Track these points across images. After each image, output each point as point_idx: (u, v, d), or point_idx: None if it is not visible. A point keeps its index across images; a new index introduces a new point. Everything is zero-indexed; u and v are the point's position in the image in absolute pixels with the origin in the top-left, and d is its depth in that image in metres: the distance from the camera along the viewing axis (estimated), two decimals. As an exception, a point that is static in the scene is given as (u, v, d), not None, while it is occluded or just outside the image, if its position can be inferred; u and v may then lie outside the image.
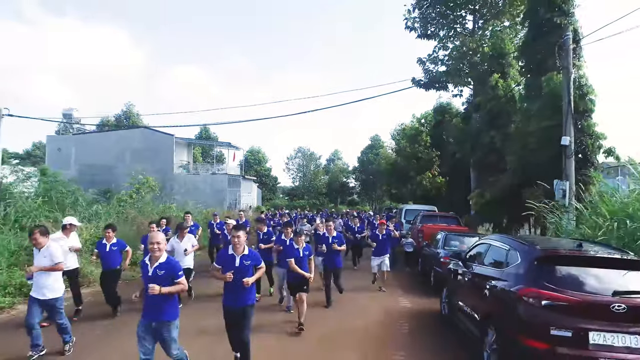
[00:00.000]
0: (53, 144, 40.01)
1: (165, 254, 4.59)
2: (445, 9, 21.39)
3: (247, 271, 5.04)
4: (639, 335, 4.14)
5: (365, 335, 6.75)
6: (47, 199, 14.68)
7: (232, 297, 5.05)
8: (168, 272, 4.45)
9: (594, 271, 4.63)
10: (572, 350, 4.19)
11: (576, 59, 12.98)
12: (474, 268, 6.33)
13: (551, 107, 12.05)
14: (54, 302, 5.65)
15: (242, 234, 5.10)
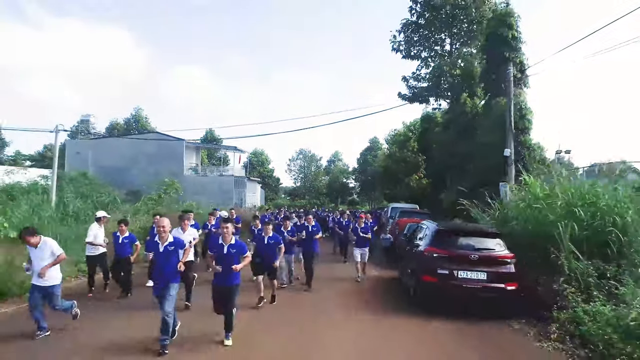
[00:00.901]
0: (72, 147, 42.56)
1: (170, 235, 5.97)
2: (427, 33, 24.65)
3: (233, 258, 6.03)
4: (481, 272, 7.43)
5: (343, 289, 10.00)
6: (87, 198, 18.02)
7: (221, 278, 6.07)
8: (176, 246, 5.89)
9: (464, 238, 7.97)
10: (447, 281, 7.49)
11: (521, 86, 16.27)
12: (412, 242, 9.61)
13: (499, 125, 15.24)
14: (51, 289, 6.16)
15: (230, 225, 6.19)
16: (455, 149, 20.14)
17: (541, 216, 8.47)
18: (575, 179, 10.53)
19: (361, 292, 9.81)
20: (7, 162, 53.67)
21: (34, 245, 6.03)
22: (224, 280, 6.02)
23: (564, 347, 6.04)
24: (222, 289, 6.04)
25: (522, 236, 8.69)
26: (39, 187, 18.25)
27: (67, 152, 42.73)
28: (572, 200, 8.24)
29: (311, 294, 9.55)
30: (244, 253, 6.14)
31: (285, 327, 6.96)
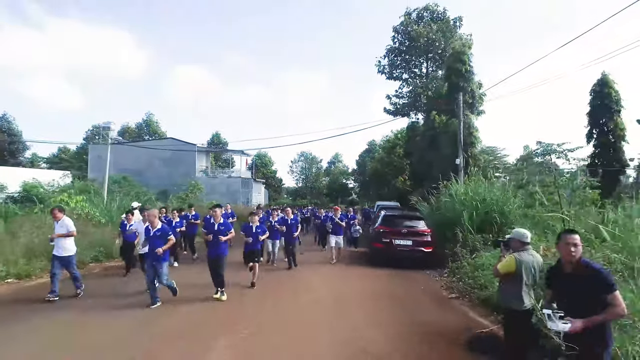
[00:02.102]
0: (94, 152, 46.74)
1: (160, 223, 7.71)
2: (408, 57, 29.33)
3: (221, 233, 7.94)
4: (409, 240, 12.10)
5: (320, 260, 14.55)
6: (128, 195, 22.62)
7: (212, 250, 8.02)
8: (163, 233, 7.49)
9: (400, 220, 12.70)
10: (389, 246, 12.14)
11: (472, 109, 20.91)
12: (372, 224, 14.26)
13: (453, 140, 19.85)
14: (68, 258, 7.87)
15: (219, 210, 8.29)
16: (425, 156, 24.74)
17: (453, 207, 13.10)
18: (493, 179, 15.15)
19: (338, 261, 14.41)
20: (27, 164, 58.40)
21: (58, 220, 7.92)
22: (214, 252, 7.97)
23: (447, 279, 10.63)
24: (213, 259, 7.96)
25: (442, 220, 13.34)
26: (90, 187, 22.83)
27: (89, 156, 47.13)
28: (471, 196, 12.82)
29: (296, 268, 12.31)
30: (229, 229, 8.18)
31: (278, 281, 11.56)
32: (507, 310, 4.57)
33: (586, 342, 3.37)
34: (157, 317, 6.85)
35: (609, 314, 3.29)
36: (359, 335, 6.13)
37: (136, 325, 6.36)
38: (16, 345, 5.40)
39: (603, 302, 3.31)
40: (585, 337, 3.35)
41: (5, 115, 57.28)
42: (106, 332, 6.01)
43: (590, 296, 3.36)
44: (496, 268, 4.59)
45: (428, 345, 5.76)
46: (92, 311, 7.08)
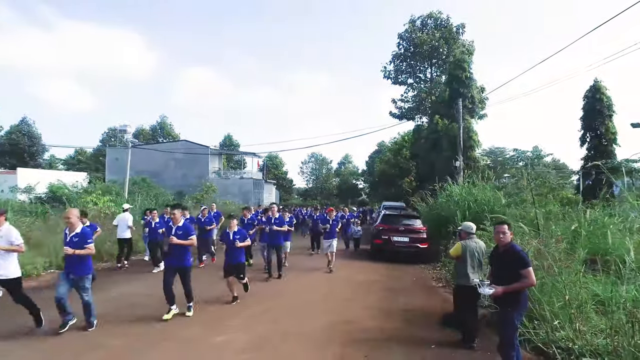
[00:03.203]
0: (111, 154, 48.45)
1: (80, 225, 6.05)
2: (413, 62, 30.44)
3: (179, 238, 6.67)
4: (406, 237, 13.27)
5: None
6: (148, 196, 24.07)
7: (172, 259, 6.84)
8: (81, 239, 5.84)
9: (398, 218, 13.91)
10: (387, 242, 13.32)
11: (472, 114, 21.96)
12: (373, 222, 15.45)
13: (454, 143, 20.95)
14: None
15: (178, 211, 6.94)
16: (429, 158, 25.84)
17: (448, 206, 14.23)
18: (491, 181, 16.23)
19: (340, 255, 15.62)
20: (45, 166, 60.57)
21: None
22: (177, 261, 6.79)
23: (438, 272, 11.78)
24: (174, 269, 6.78)
25: (437, 218, 14.46)
26: (112, 188, 24.35)
27: (107, 158, 48.86)
28: (464, 196, 13.93)
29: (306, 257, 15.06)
30: (190, 234, 6.78)
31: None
32: (456, 285, 5.89)
33: (504, 304, 4.61)
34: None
35: (522, 283, 4.51)
36: (346, 313, 7.36)
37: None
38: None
39: (519, 275, 4.51)
40: (505, 300, 4.61)
41: (25, 118, 59.49)
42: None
43: (510, 269, 4.59)
44: (449, 253, 5.93)
45: (406, 321, 6.97)
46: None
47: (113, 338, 5.73)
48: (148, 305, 7.31)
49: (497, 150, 54.69)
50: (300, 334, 6.17)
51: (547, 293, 5.93)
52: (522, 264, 4.52)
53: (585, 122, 22.22)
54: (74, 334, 5.81)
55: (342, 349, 5.60)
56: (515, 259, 4.57)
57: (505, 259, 4.71)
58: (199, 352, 5.37)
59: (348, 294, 9.04)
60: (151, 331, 6.08)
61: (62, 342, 5.54)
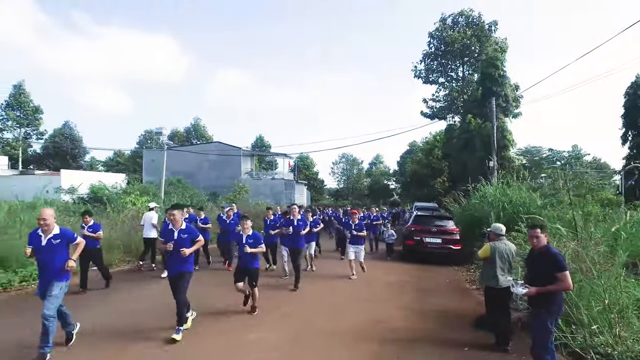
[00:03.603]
0: (148, 156, 49.80)
1: (57, 227, 5.21)
2: (445, 61, 30.05)
3: (184, 243, 5.82)
4: (438, 238, 13.14)
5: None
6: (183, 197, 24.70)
7: (173, 265, 5.97)
8: (63, 240, 5.18)
9: (430, 219, 13.79)
10: (419, 243, 13.24)
11: (506, 112, 21.48)
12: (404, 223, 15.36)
13: (487, 143, 20.58)
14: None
15: (178, 212, 5.95)
16: (461, 158, 25.45)
17: (482, 207, 14.01)
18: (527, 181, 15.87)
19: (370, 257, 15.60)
20: (86, 167, 63.02)
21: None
22: (177, 267, 5.94)
23: (472, 274, 11.63)
24: (173, 278, 5.96)
25: (471, 219, 14.26)
26: (149, 189, 25.13)
27: (144, 159, 50.32)
28: (499, 197, 13.68)
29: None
30: (195, 237, 6.00)
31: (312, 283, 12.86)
32: (486, 287, 5.85)
33: (538, 306, 4.58)
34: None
35: (557, 286, 4.44)
36: (379, 313, 7.40)
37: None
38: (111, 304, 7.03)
39: (555, 278, 4.45)
40: (539, 302, 4.58)
41: (67, 122, 62.19)
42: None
43: (546, 272, 4.53)
44: (477, 254, 5.89)
45: (438, 322, 6.96)
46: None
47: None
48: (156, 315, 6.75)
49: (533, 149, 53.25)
50: (333, 332, 6.26)
51: (585, 297, 5.79)
52: (559, 267, 4.45)
53: (626, 120, 21.42)
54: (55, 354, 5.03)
55: (375, 348, 5.66)
56: (552, 262, 4.50)
57: (541, 261, 4.65)
58: (234, 347, 5.53)
59: (380, 294, 9.07)
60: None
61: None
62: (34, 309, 7.16)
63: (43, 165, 55.92)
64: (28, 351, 4.99)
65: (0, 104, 52.28)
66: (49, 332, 4.82)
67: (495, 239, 5.95)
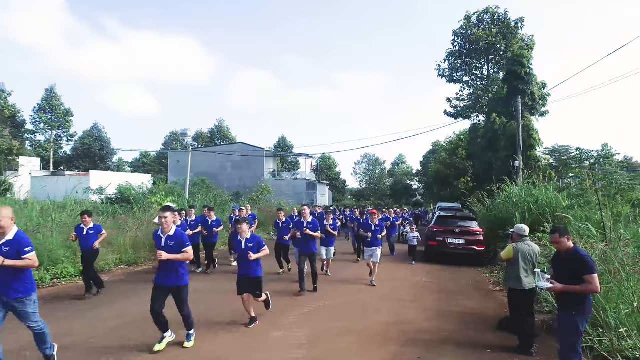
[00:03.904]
0: (173, 157, 50.78)
1: (12, 233, 4.39)
2: (470, 59, 29.64)
3: (170, 249, 5.27)
4: (461, 239, 12.99)
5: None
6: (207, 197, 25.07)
7: (162, 276, 5.38)
8: (18, 246, 4.33)
9: (453, 220, 13.63)
10: (442, 244, 13.12)
11: (532, 111, 21.06)
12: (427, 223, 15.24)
13: (512, 142, 20.23)
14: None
15: (169, 215, 5.35)
16: (485, 158, 25.07)
17: (506, 208, 13.79)
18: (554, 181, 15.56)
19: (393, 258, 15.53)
20: (114, 168, 64.64)
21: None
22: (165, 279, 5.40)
23: (496, 275, 11.45)
24: (167, 288, 5.41)
25: (495, 220, 14.04)
26: (174, 189, 25.61)
27: (169, 160, 51.34)
28: (524, 197, 13.43)
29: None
30: (185, 246, 5.34)
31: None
32: (509, 289, 5.78)
33: (567, 307, 4.50)
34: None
35: (585, 288, 4.34)
36: (401, 314, 7.39)
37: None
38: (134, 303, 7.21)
39: (583, 281, 4.36)
40: (568, 304, 4.51)
41: (96, 124, 63.92)
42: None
43: (574, 274, 4.43)
44: (500, 255, 5.82)
45: (462, 324, 6.90)
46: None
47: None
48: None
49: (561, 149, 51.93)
50: (356, 332, 6.29)
51: (614, 300, 5.67)
52: (587, 269, 4.34)
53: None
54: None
55: (397, 348, 5.66)
56: (580, 264, 4.39)
57: (568, 263, 4.53)
58: (257, 346, 5.62)
59: (402, 295, 9.05)
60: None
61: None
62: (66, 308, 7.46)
63: (73, 167, 57.67)
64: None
65: (33, 107, 54.20)
66: (43, 338, 4.59)
67: (519, 239, 5.87)
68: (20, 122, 49.84)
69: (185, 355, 5.25)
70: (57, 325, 5.84)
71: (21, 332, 4.99)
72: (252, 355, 5.31)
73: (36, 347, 4.66)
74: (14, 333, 5.30)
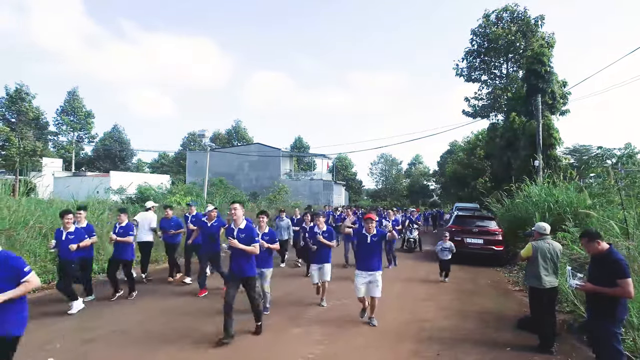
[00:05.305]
0: (191, 157, 51.40)
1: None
2: (488, 58, 29.32)
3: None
4: (479, 238, 12.87)
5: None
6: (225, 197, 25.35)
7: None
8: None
9: (471, 219, 13.53)
10: (460, 244, 12.99)
11: (552, 110, 20.72)
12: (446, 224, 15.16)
13: (532, 142, 19.94)
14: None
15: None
16: (504, 158, 24.76)
17: (525, 207, 13.62)
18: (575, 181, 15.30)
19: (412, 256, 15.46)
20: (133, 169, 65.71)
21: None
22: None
23: (515, 275, 11.32)
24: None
25: (514, 220, 13.90)
26: (193, 189, 25.99)
27: (187, 161, 52.01)
28: (544, 197, 13.25)
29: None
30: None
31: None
32: (530, 288, 5.74)
33: (599, 315, 4.40)
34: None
35: (616, 291, 4.23)
36: (420, 312, 7.40)
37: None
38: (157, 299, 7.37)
39: (616, 285, 4.24)
40: (599, 311, 4.41)
41: (116, 126, 65.10)
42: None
43: (608, 277, 4.32)
44: (519, 254, 5.79)
45: (480, 322, 6.87)
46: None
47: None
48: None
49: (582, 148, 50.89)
50: (374, 330, 6.32)
51: (637, 299, 5.57)
52: (621, 273, 4.22)
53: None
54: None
55: (415, 345, 5.68)
56: (615, 268, 4.28)
57: (602, 264, 4.44)
58: (280, 341, 5.71)
59: (421, 294, 9.05)
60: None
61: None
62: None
63: (94, 167, 58.84)
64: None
65: (56, 110, 55.45)
66: None
67: (539, 238, 5.82)
68: (44, 124, 50.97)
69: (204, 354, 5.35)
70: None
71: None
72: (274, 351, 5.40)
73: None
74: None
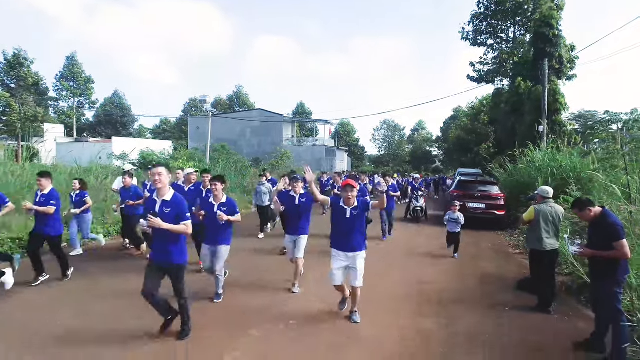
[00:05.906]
0: (193, 123, 51.09)
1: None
2: (495, 22, 28.58)
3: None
4: (482, 203, 12.94)
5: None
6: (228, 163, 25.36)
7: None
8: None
9: (474, 184, 13.57)
10: (462, 208, 12.95)
11: (559, 75, 20.35)
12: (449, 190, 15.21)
13: (537, 107, 19.70)
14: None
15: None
16: (509, 123, 24.56)
17: (528, 173, 13.62)
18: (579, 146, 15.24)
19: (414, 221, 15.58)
20: (135, 135, 65.54)
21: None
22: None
23: (516, 239, 11.45)
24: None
25: (516, 185, 13.92)
26: (195, 155, 25.95)
27: (189, 127, 51.75)
28: (547, 162, 13.21)
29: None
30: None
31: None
32: (531, 250, 5.81)
33: (600, 276, 4.45)
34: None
35: (614, 254, 4.26)
36: (422, 274, 7.53)
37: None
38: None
39: (612, 247, 4.27)
40: (600, 272, 4.46)
41: (116, 91, 64.53)
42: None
43: (603, 240, 4.35)
44: (522, 217, 5.83)
45: (481, 284, 7.00)
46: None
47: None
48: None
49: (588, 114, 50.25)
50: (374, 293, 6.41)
51: (635, 261, 5.64)
52: (615, 236, 4.24)
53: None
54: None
55: (415, 307, 5.79)
56: (609, 232, 4.29)
57: (597, 229, 4.46)
58: (281, 299, 5.84)
59: (422, 258, 9.17)
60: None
61: None
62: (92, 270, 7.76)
63: (95, 133, 58.63)
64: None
65: (56, 75, 54.80)
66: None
67: (542, 201, 5.84)
68: (44, 89, 50.43)
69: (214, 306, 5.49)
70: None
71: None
72: (273, 307, 5.53)
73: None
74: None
